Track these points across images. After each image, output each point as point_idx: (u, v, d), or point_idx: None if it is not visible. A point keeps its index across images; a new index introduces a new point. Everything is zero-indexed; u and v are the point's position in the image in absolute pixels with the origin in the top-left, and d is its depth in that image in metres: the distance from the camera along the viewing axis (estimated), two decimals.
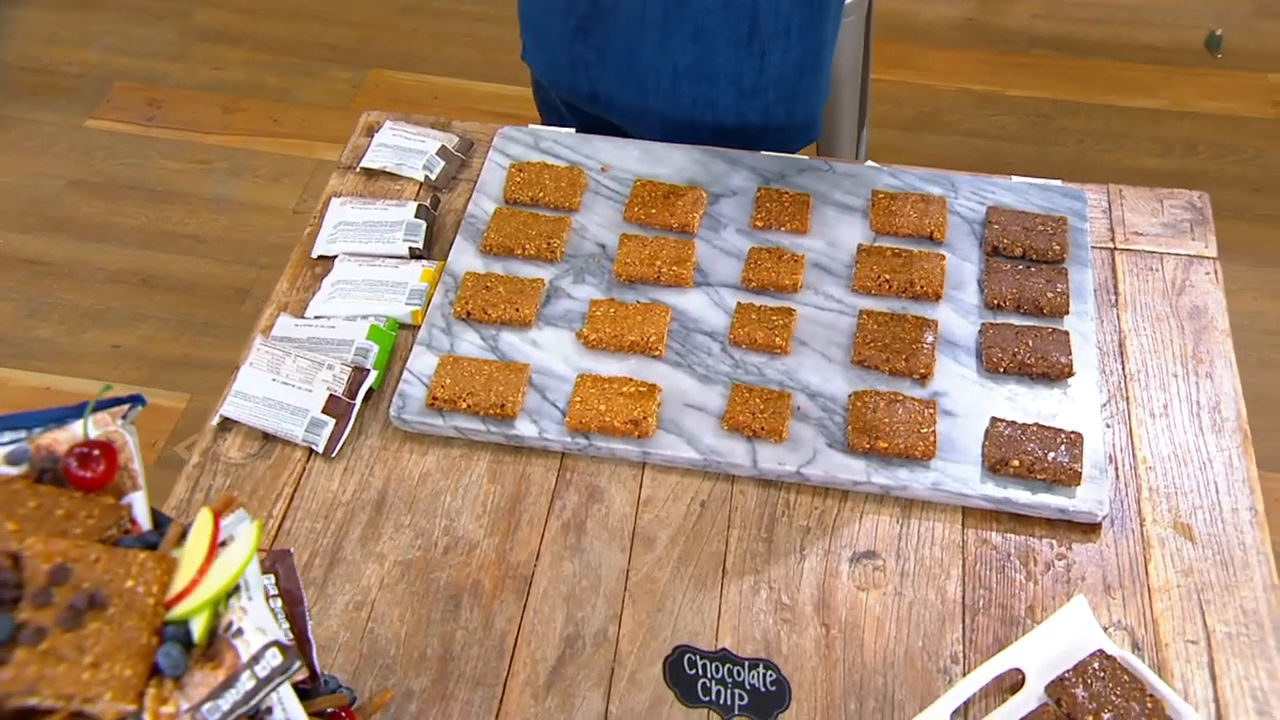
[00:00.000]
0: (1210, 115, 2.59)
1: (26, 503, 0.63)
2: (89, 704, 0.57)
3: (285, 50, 2.87)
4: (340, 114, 2.68)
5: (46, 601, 0.58)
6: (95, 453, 0.65)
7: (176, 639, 0.60)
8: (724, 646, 0.90)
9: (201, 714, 0.58)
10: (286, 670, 0.60)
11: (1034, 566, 1.04)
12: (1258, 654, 0.98)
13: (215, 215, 2.49)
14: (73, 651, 0.57)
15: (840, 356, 1.16)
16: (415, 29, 2.92)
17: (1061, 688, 0.94)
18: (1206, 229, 1.28)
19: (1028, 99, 2.64)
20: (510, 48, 2.92)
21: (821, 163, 1.34)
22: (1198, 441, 1.11)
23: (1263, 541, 1.04)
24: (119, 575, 0.60)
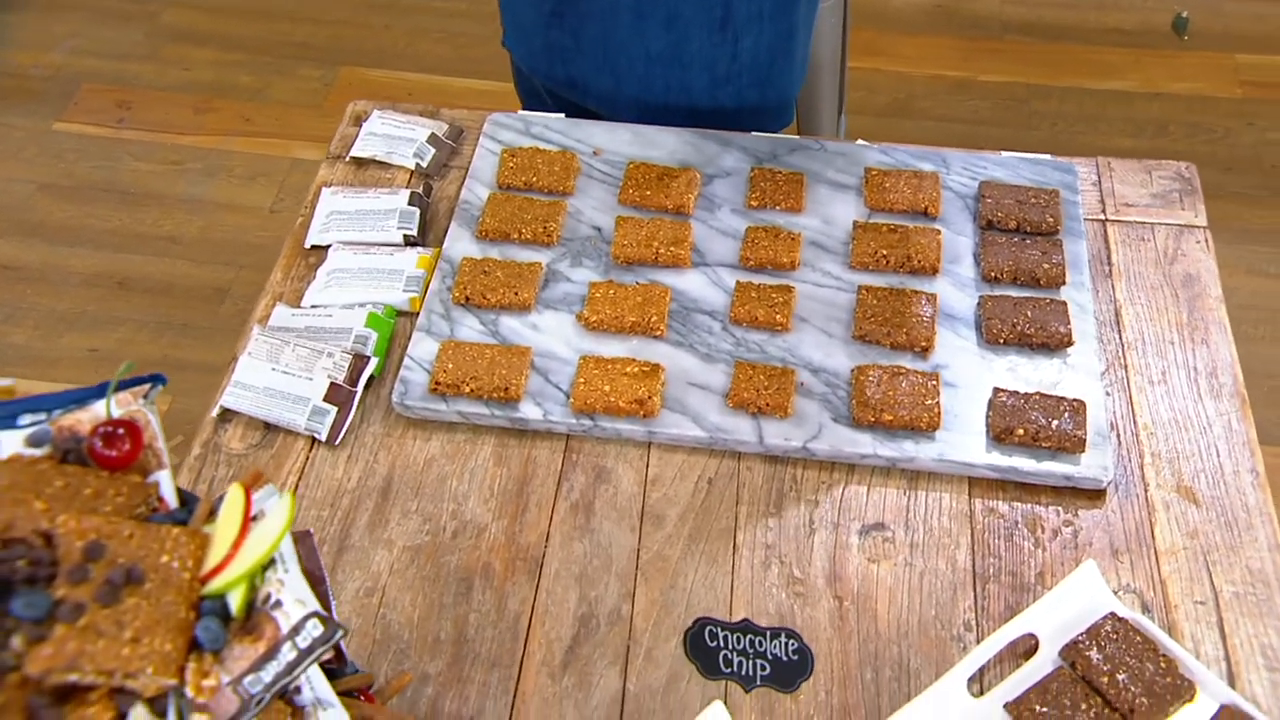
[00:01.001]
0: (1180, 96, 2.62)
1: (54, 482, 0.62)
2: (130, 679, 0.56)
3: (255, 49, 2.85)
4: (314, 112, 2.66)
5: (83, 578, 0.57)
6: (120, 431, 0.64)
7: (214, 613, 0.59)
8: (745, 617, 0.90)
9: (243, 686, 0.58)
10: (329, 640, 0.59)
11: (1041, 534, 1.05)
12: (1266, 612, 0.99)
13: (190, 216, 2.46)
14: (112, 627, 0.56)
15: (841, 332, 1.16)
16: (387, 26, 2.91)
17: (1075, 651, 0.95)
18: (1195, 199, 1.30)
19: (1000, 84, 2.67)
20: (484, 42, 2.92)
21: (813, 142, 1.34)
22: (1197, 407, 1.12)
23: (1265, 502, 1.05)
24: (153, 551, 0.59)
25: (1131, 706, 0.92)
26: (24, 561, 0.58)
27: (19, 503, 0.60)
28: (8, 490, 0.61)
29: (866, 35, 2.74)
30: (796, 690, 0.84)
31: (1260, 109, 2.62)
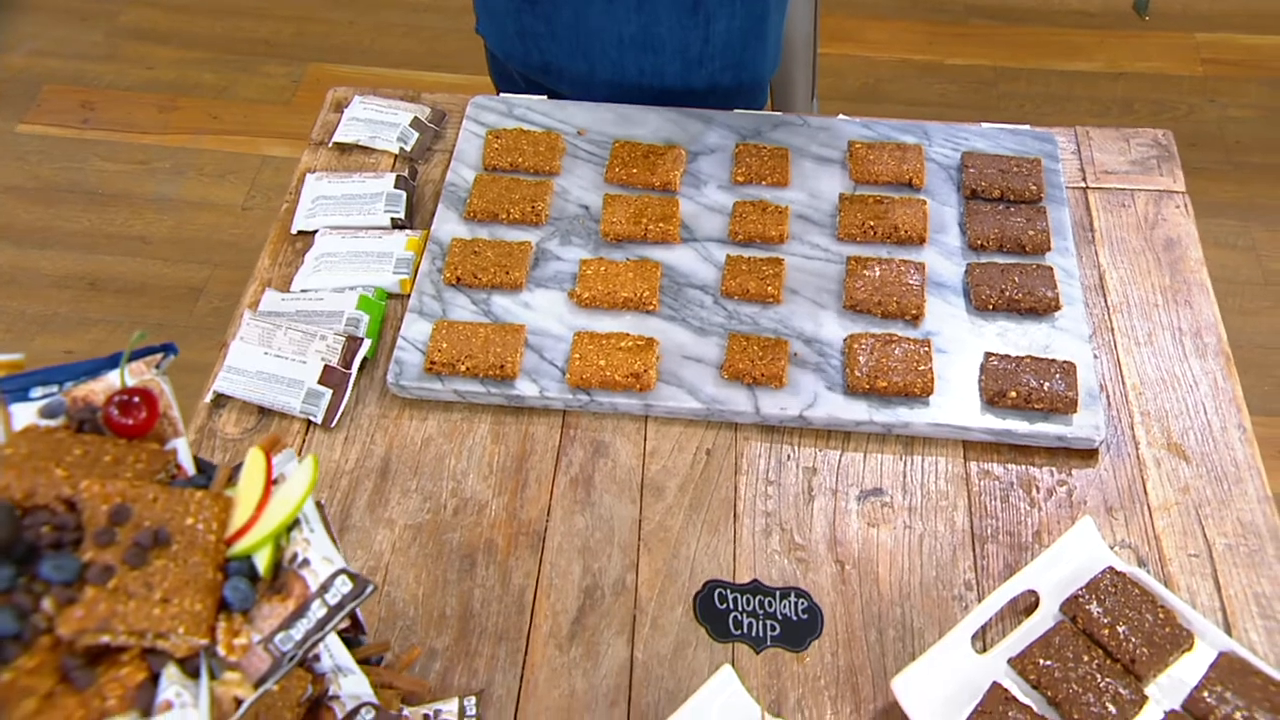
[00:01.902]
0: (1143, 75, 2.66)
1: (72, 450, 0.61)
2: (161, 639, 0.55)
3: (218, 47, 2.82)
4: (283, 109, 2.64)
5: (110, 541, 0.57)
6: (135, 400, 0.63)
7: (241, 574, 0.59)
8: (755, 579, 0.90)
9: (274, 644, 0.57)
10: (359, 595, 0.59)
11: (1037, 494, 1.06)
12: (1258, 562, 1.01)
13: (160, 215, 2.43)
14: (141, 588, 0.56)
15: (832, 303, 1.17)
16: (351, 21, 2.89)
17: (1076, 605, 0.96)
18: (1173, 164, 1.32)
19: (967, 67, 2.69)
20: (450, 35, 2.91)
21: (795, 118, 1.35)
22: (1183, 366, 1.14)
23: (1253, 457, 1.07)
24: (178, 514, 0.59)
25: (1132, 657, 0.93)
26: (48, 527, 0.57)
27: (39, 470, 0.59)
28: (27, 459, 0.60)
29: (834, 21, 2.76)
30: (806, 649, 0.84)
31: (1221, 86, 2.66)
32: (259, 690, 0.57)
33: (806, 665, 0.95)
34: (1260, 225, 2.40)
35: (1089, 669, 0.93)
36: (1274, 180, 2.51)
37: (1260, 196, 2.47)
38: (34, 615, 0.54)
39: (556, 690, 0.94)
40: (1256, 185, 2.50)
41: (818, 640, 0.93)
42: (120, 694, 0.55)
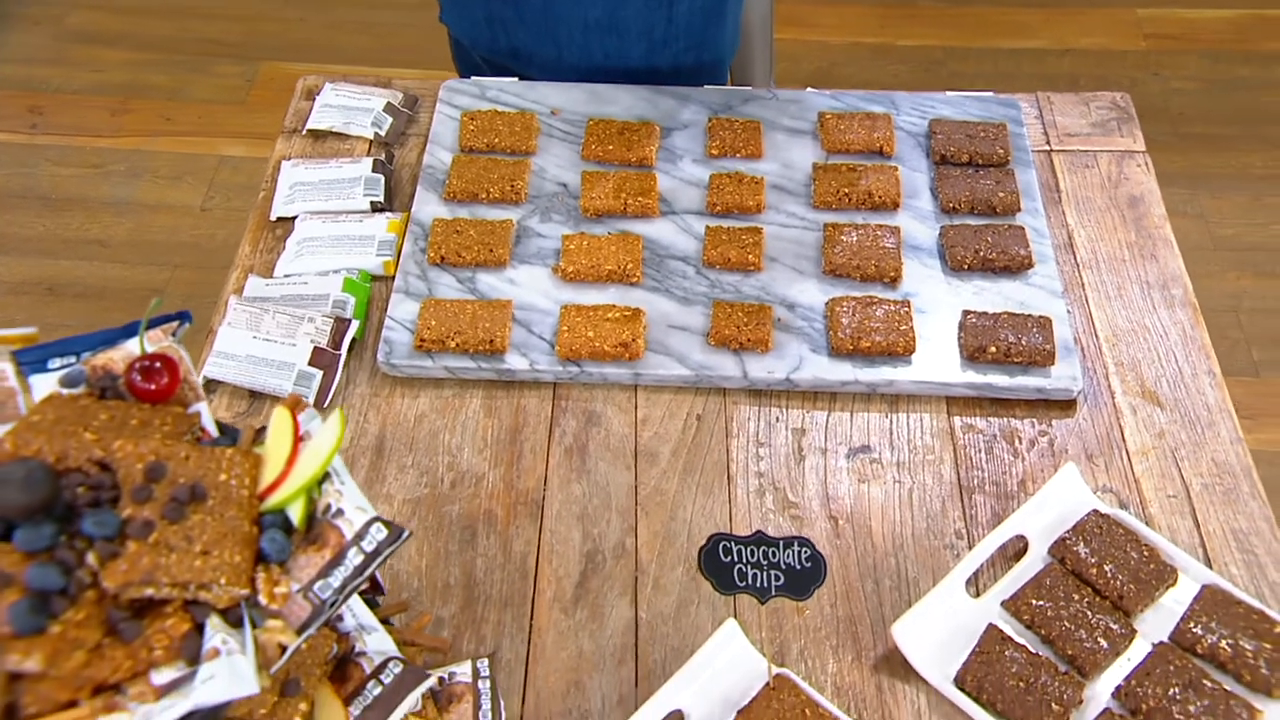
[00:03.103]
0: (1088, 51, 2.72)
1: (98, 415, 0.62)
2: (203, 590, 0.56)
3: (168, 48, 2.79)
4: (238, 109, 2.62)
5: (147, 497, 0.57)
6: (157, 365, 0.64)
7: (277, 526, 0.59)
8: (758, 530, 0.92)
9: (314, 592, 0.58)
10: (395, 541, 0.60)
11: (1019, 445, 1.09)
12: (1234, 500, 1.04)
13: (117, 218, 2.41)
14: (181, 541, 0.56)
15: (811, 269, 1.20)
16: (302, 19, 2.87)
17: (1064, 547, 1.00)
18: (1132, 125, 1.36)
19: (917, 48, 2.74)
20: (403, 30, 2.91)
21: (765, 91, 1.37)
22: (1153, 317, 1.18)
23: (1224, 400, 1.11)
24: (211, 470, 0.59)
25: (1120, 593, 0.96)
26: (83, 488, 0.58)
27: (69, 435, 0.60)
28: (55, 424, 0.61)
29: (787, 6, 2.78)
30: (810, 597, 0.86)
31: (1163, 59, 2.74)
32: (302, 636, 0.58)
33: (807, 617, 0.97)
34: (1207, 193, 2.47)
35: (1080, 607, 0.96)
36: (1218, 149, 2.58)
37: (1205, 165, 2.54)
38: (78, 571, 0.55)
39: (564, 652, 0.95)
40: (1201, 154, 2.57)
41: (820, 590, 0.95)
42: (166, 644, 0.56)
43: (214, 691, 0.55)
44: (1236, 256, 2.35)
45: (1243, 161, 2.57)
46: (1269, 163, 2.57)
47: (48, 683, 0.55)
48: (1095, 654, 0.93)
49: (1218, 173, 2.53)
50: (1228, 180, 2.52)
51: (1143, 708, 0.90)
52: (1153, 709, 0.90)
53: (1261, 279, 2.33)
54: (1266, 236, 2.43)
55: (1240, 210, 2.46)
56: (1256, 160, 2.57)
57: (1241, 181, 2.52)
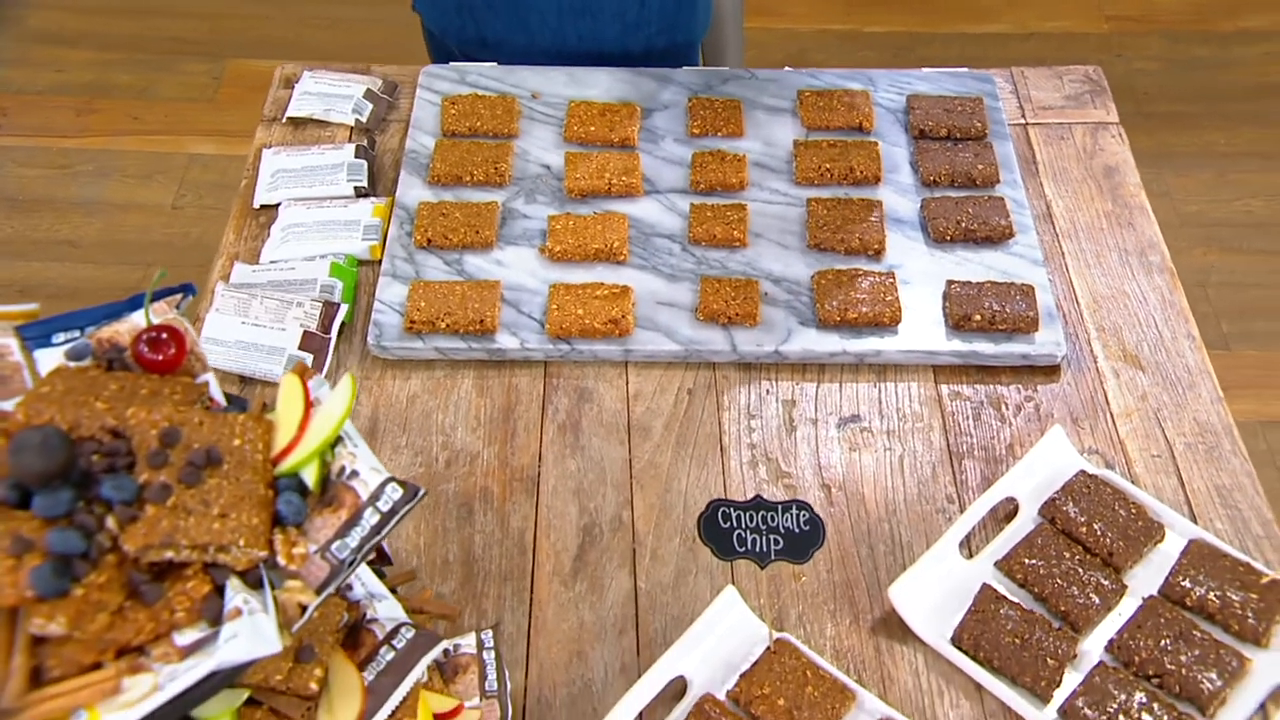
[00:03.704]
0: (1052, 34, 2.76)
1: (108, 386, 0.62)
2: (223, 553, 0.56)
3: (132, 47, 2.77)
4: (207, 107, 2.60)
5: (163, 462, 0.57)
6: (163, 336, 0.64)
7: (292, 489, 0.60)
8: (757, 495, 0.93)
9: (331, 552, 0.59)
10: (411, 500, 0.60)
11: (1006, 410, 1.11)
12: (1216, 457, 1.07)
13: (88, 219, 2.39)
14: (199, 505, 0.56)
15: (796, 243, 1.21)
16: (267, 16, 2.86)
17: (1053, 507, 1.01)
18: (1105, 98, 1.38)
19: (885, 34, 2.76)
20: (369, 26, 2.90)
21: (744, 71, 1.38)
22: (1132, 283, 1.20)
23: (1204, 361, 1.13)
24: (225, 435, 0.59)
25: (1110, 550, 0.98)
26: (98, 455, 0.58)
27: (80, 404, 0.60)
28: (65, 394, 0.61)
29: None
30: (809, 560, 0.87)
31: (1126, 41, 2.78)
32: (321, 595, 0.58)
33: (804, 583, 0.98)
34: (1172, 171, 2.51)
35: (1071, 564, 0.97)
36: (1180, 127, 2.62)
37: (1169, 144, 2.58)
38: (98, 535, 0.55)
39: (565, 623, 0.96)
40: (1165, 133, 2.61)
41: (816, 555, 0.96)
42: (188, 606, 0.56)
43: (238, 650, 0.55)
44: (1204, 232, 2.39)
45: (1206, 139, 2.61)
46: (1231, 140, 2.61)
47: (72, 645, 0.55)
48: (1087, 609, 0.95)
49: (1182, 151, 2.57)
50: (1192, 158, 2.56)
51: (1135, 659, 0.92)
52: (1145, 660, 0.92)
53: (1228, 254, 2.37)
54: (1231, 212, 2.47)
55: (1205, 187, 2.50)
56: (1219, 138, 2.62)
57: (1205, 159, 2.57)
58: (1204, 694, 0.90)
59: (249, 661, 0.56)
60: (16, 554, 0.55)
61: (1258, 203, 2.50)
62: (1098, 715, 0.89)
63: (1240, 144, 2.62)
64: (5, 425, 0.61)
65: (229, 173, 2.41)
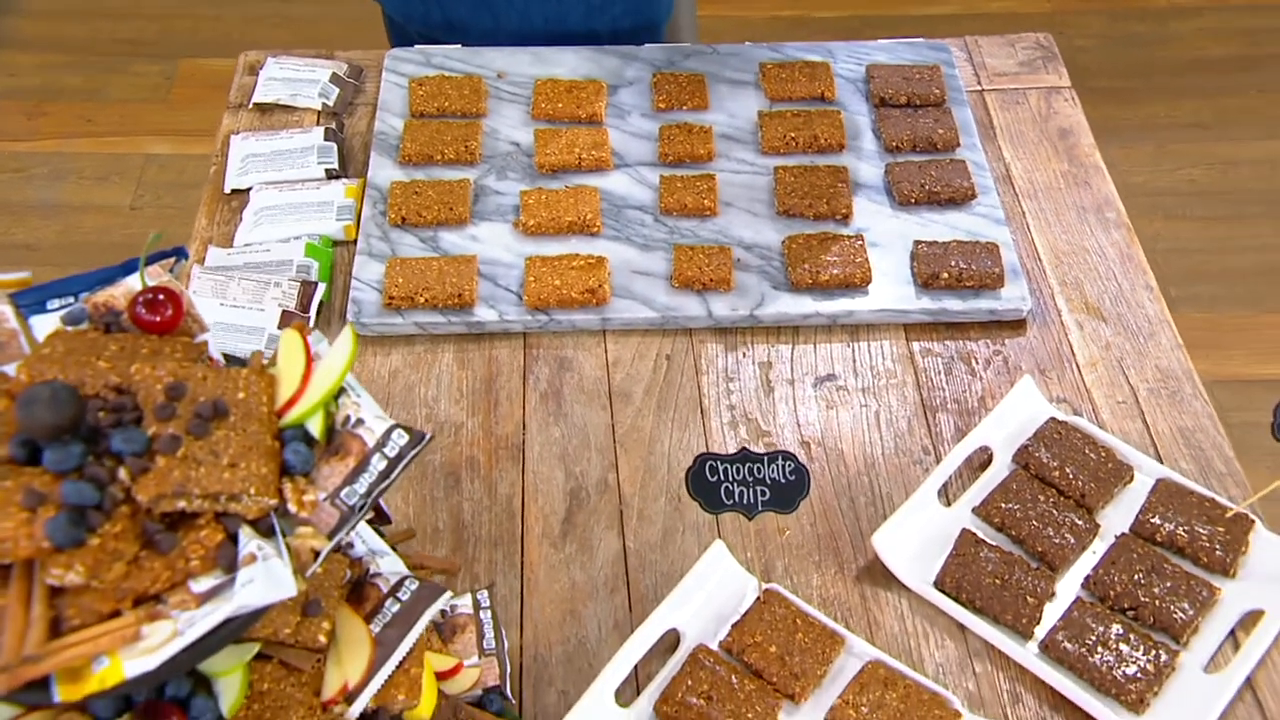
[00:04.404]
0: (997, 14, 2.82)
1: (108, 346, 0.62)
2: (234, 501, 0.57)
3: (81, 50, 2.74)
4: (160, 107, 2.58)
5: (170, 415, 0.58)
6: (160, 297, 0.65)
7: (298, 439, 0.61)
8: (743, 447, 0.95)
9: (340, 499, 0.60)
10: (417, 444, 0.62)
11: (976, 364, 1.14)
12: (1179, 401, 1.10)
13: (44, 221, 2.36)
14: (208, 456, 0.57)
15: (765, 211, 1.23)
16: (218, 16, 2.84)
17: (1026, 454, 1.04)
18: (1057, 63, 1.42)
19: (834, 18, 2.81)
20: (320, 21, 2.89)
21: (705, 47, 1.41)
22: (1091, 239, 1.24)
23: (1163, 310, 1.17)
24: (229, 389, 0.60)
25: (1082, 492, 1.02)
26: (103, 412, 0.58)
27: (83, 364, 0.61)
28: (67, 355, 0.61)
29: None
30: (796, 509, 0.90)
31: (1068, 20, 2.85)
32: (334, 540, 0.59)
33: (789, 537, 1.00)
34: (1115, 144, 2.56)
35: (1046, 507, 1.01)
36: (1121, 102, 2.69)
37: (1112, 118, 2.64)
38: (111, 487, 0.56)
39: (557, 584, 0.98)
40: (1107, 108, 2.66)
41: (800, 509, 0.98)
42: (202, 554, 0.57)
43: (255, 594, 0.56)
44: (1148, 202, 2.45)
45: (1147, 112, 2.69)
46: (1171, 112, 2.69)
47: (90, 595, 0.56)
48: (1063, 549, 0.98)
49: (1125, 124, 2.64)
50: (1134, 131, 2.63)
51: (1110, 594, 0.96)
52: (1120, 594, 0.95)
53: (1171, 221, 2.44)
54: (1173, 181, 2.55)
55: (1148, 158, 2.57)
56: (1159, 110, 2.69)
57: (1146, 131, 2.64)
58: (1177, 624, 0.93)
59: (266, 605, 0.57)
60: (30, 507, 0.56)
61: (1198, 171, 2.58)
62: (1077, 648, 0.92)
63: (1179, 116, 2.70)
64: (8, 386, 0.61)
65: (187, 172, 2.40)
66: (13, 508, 0.56)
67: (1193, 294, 2.25)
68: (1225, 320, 2.25)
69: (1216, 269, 2.35)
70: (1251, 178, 2.57)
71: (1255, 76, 2.80)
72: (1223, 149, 2.63)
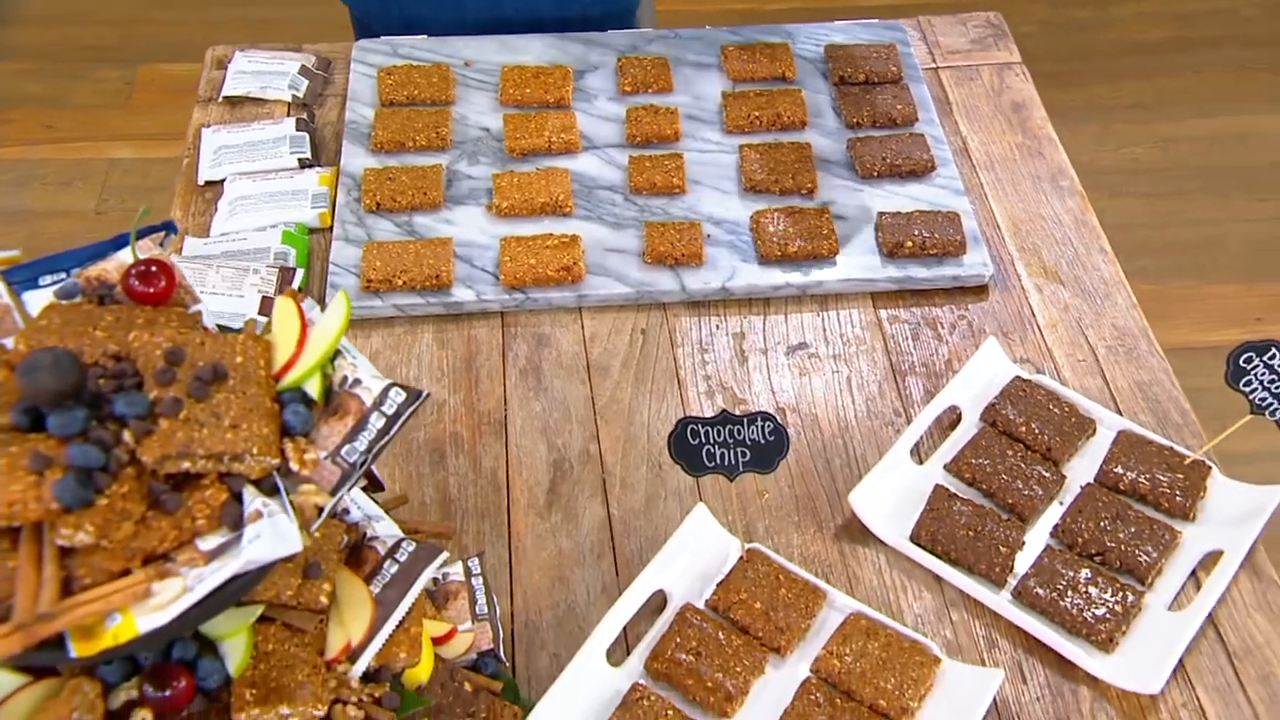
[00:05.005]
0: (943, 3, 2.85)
1: (104, 318, 0.64)
2: (237, 462, 0.59)
3: (43, 57, 2.73)
4: (122, 112, 2.58)
5: (171, 379, 0.60)
6: (153, 269, 0.66)
7: (297, 400, 0.63)
8: (724, 409, 0.97)
9: (341, 457, 0.62)
10: (415, 401, 0.64)
11: (941, 329, 1.17)
12: (1136, 357, 1.15)
13: (9, 228, 2.35)
14: (210, 418, 0.59)
15: (733, 188, 1.26)
16: (179, 21, 2.84)
17: (994, 412, 1.08)
18: (1007, 40, 1.46)
19: (784, 10, 2.85)
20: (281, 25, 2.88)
21: (667, 31, 1.44)
22: (1047, 207, 1.28)
23: (1118, 272, 1.21)
24: (227, 353, 0.62)
25: (1048, 445, 1.05)
26: (103, 379, 0.60)
27: (80, 334, 0.62)
28: (64, 326, 0.63)
29: None
30: (776, 469, 0.92)
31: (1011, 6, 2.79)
32: (337, 496, 0.61)
33: (768, 499, 1.03)
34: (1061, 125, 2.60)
35: (1014, 461, 1.04)
36: (1066, 85, 2.76)
37: (1057, 100, 2.66)
38: (116, 449, 0.57)
39: (545, 552, 1.00)
40: (1052, 91, 2.70)
41: (779, 470, 1.01)
42: (208, 513, 0.59)
43: (262, 549, 0.58)
44: (1093, 180, 2.49)
45: (1089, 94, 2.77)
46: (1113, 93, 2.78)
47: (100, 554, 0.58)
48: (1032, 500, 1.02)
49: (1069, 106, 2.70)
50: (1078, 112, 2.70)
51: (1078, 541, 0.99)
52: (1087, 541, 0.99)
53: (1116, 198, 2.51)
54: (1117, 160, 2.63)
55: (1092, 139, 2.65)
56: (1102, 92, 2.78)
57: (1090, 112, 2.72)
58: (1142, 566, 0.97)
59: (273, 560, 0.59)
60: (38, 470, 0.57)
61: (1140, 150, 2.67)
62: (1048, 593, 0.96)
63: (1121, 97, 2.79)
64: (7, 357, 0.63)
65: (151, 175, 2.39)
66: (20, 471, 0.58)
67: (1140, 267, 2.31)
68: (1171, 291, 2.32)
69: (1160, 243, 2.43)
70: (1190, 154, 2.66)
71: (1190, 58, 2.91)
72: (1162, 128, 2.72)
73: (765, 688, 0.92)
